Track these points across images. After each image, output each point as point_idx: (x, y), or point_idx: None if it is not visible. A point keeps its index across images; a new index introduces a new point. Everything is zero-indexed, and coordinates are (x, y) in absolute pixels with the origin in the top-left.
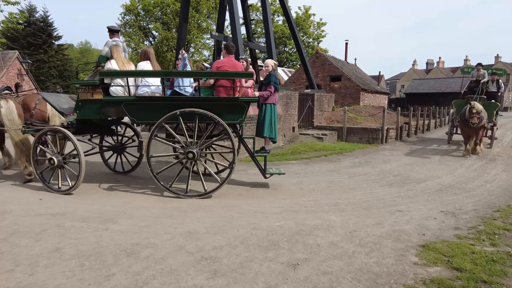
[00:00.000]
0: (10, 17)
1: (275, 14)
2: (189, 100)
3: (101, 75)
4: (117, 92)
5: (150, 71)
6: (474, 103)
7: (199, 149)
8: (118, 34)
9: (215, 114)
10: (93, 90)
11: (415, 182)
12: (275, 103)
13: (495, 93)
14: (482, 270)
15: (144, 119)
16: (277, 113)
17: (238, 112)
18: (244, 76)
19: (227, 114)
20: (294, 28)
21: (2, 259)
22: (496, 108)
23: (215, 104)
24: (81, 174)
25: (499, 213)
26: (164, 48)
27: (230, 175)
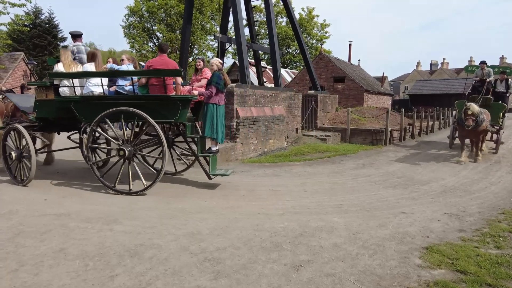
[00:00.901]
0: (16, 19)
1: (278, 15)
2: (125, 99)
3: (50, 76)
4: (65, 93)
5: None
6: (470, 104)
7: (134, 147)
8: (80, 38)
9: (149, 112)
10: (47, 91)
11: (418, 184)
12: (219, 103)
13: (503, 93)
14: (486, 273)
15: (90, 118)
16: (221, 113)
17: (172, 111)
18: (170, 74)
19: (160, 112)
20: (298, 30)
21: (8, 259)
22: (503, 109)
23: (147, 103)
24: (32, 168)
25: (504, 215)
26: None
27: (161, 173)
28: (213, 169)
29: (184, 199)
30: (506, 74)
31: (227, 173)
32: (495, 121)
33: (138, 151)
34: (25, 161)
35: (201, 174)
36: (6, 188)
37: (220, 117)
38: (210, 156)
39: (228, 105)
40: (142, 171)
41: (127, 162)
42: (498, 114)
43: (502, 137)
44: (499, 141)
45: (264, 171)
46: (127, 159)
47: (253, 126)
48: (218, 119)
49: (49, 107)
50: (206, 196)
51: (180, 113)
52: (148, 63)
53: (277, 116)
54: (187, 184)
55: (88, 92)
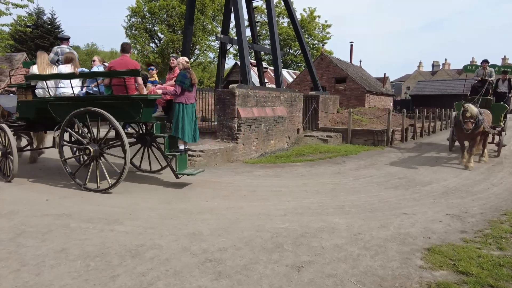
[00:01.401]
0: (19, 19)
1: (280, 16)
2: (92, 99)
3: (26, 79)
4: (40, 94)
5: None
6: (468, 106)
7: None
8: (66, 41)
9: (113, 112)
10: (26, 92)
11: (420, 185)
12: (186, 102)
13: (505, 93)
14: (488, 274)
15: (65, 117)
16: (189, 112)
17: (134, 110)
18: (127, 74)
19: (123, 112)
20: (299, 30)
21: (10, 259)
22: (505, 110)
23: (111, 103)
24: (14, 166)
25: (506, 216)
26: (169, 50)
27: (124, 171)
28: (180, 169)
29: (185, 200)
30: (508, 73)
31: (194, 172)
32: (496, 122)
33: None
34: (10, 158)
35: (203, 175)
36: (8, 188)
37: (187, 116)
38: (177, 155)
39: (229, 105)
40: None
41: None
42: (500, 116)
43: (504, 139)
44: (501, 143)
45: (266, 172)
46: (94, 157)
47: (254, 126)
48: (185, 118)
49: (29, 107)
50: (207, 196)
51: (142, 112)
52: (110, 64)
53: (278, 117)
54: (188, 185)
55: (59, 93)
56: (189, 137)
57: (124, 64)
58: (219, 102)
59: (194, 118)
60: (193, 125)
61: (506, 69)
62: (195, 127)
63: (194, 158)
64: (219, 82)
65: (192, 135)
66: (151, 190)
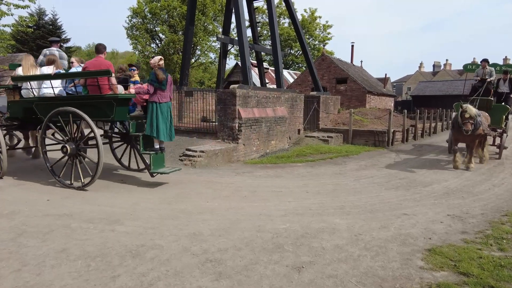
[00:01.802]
0: (20, 20)
1: (281, 16)
2: (70, 99)
3: (12, 80)
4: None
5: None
6: (467, 106)
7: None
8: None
9: (88, 111)
10: (14, 93)
11: (421, 185)
12: (159, 101)
13: (507, 94)
14: (489, 275)
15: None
16: (164, 111)
17: (108, 109)
18: (97, 74)
19: (98, 111)
20: (300, 31)
21: (10, 259)
22: (506, 112)
23: (86, 102)
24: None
25: (508, 217)
26: (170, 50)
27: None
28: (155, 167)
29: (186, 200)
30: (509, 73)
31: (167, 171)
32: (497, 124)
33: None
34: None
35: (204, 175)
36: (9, 188)
37: (162, 115)
38: (152, 154)
39: (230, 106)
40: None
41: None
42: (501, 117)
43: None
44: (502, 145)
45: (266, 172)
46: (71, 155)
47: (255, 127)
48: (159, 117)
49: (18, 107)
50: (208, 197)
51: (116, 111)
52: (84, 65)
53: (279, 117)
54: (189, 185)
55: (42, 93)
56: (164, 136)
57: (98, 65)
58: (220, 103)
59: (169, 117)
60: (168, 124)
61: (507, 69)
62: (171, 126)
63: (195, 159)
64: (220, 83)
65: (167, 134)
66: (152, 191)
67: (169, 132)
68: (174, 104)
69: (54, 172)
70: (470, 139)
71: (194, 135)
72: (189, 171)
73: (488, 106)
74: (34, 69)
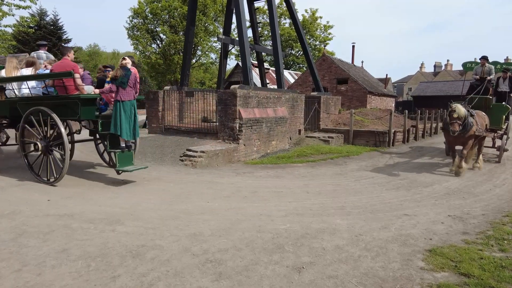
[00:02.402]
0: (21, 20)
1: (281, 17)
2: (42, 99)
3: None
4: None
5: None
6: (456, 106)
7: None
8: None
9: (58, 110)
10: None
11: (422, 186)
12: (122, 100)
13: (507, 93)
14: (490, 276)
15: None
16: (127, 109)
17: (74, 109)
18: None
19: (65, 110)
20: (301, 31)
21: (11, 259)
22: (506, 111)
23: (55, 102)
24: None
25: (509, 218)
26: (171, 51)
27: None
28: (121, 165)
29: (187, 200)
30: (509, 71)
31: (131, 169)
32: (497, 124)
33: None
34: None
35: (204, 176)
36: (10, 188)
37: (125, 114)
38: (117, 152)
39: (231, 106)
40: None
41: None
42: (500, 117)
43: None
44: (502, 148)
45: (267, 173)
46: (44, 152)
47: (255, 127)
48: (122, 115)
49: (5, 107)
50: (208, 197)
51: (81, 111)
52: (52, 67)
53: (279, 118)
54: (189, 185)
55: (21, 94)
56: (127, 134)
57: (63, 67)
58: (221, 103)
59: (133, 116)
60: (132, 122)
61: (508, 67)
62: (134, 124)
63: (196, 159)
64: (220, 83)
65: (131, 132)
66: (153, 191)
67: (133, 130)
68: (175, 104)
69: (33, 170)
70: (462, 141)
71: (194, 135)
72: (189, 171)
73: (487, 106)
74: (16, 71)
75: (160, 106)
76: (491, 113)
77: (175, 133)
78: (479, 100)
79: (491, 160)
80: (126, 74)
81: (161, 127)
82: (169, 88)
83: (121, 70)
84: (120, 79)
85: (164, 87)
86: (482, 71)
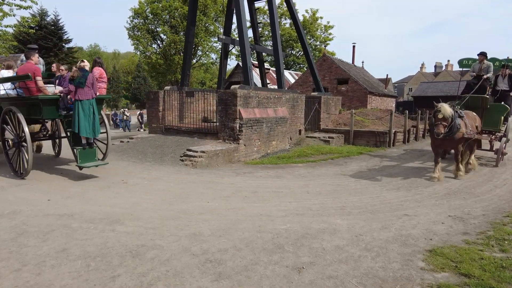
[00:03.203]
0: (22, 21)
1: (282, 17)
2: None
3: None
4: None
5: None
6: (441, 106)
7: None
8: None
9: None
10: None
11: (422, 186)
12: (80, 99)
13: (507, 92)
14: (491, 277)
15: None
16: (86, 108)
17: (37, 109)
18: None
19: (31, 110)
20: (301, 31)
21: (11, 259)
22: (505, 112)
23: (22, 103)
24: None
25: (509, 218)
26: (172, 51)
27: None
28: (82, 161)
29: (187, 200)
30: (509, 68)
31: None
32: (494, 126)
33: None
34: None
35: (204, 176)
36: (10, 188)
37: (83, 112)
38: (78, 149)
39: (231, 106)
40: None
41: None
42: (498, 118)
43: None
44: (500, 151)
45: (267, 173)
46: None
47: (256, 127)
48: (81, 113)
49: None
50: (208, 197)
51: (43, 110)
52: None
53: (280, 118)
54: (190, 185)
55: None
56: (87, 131)
57: (26, 70)
58: (221, 103)
59: (92, 114)
60: (91, 120)
61: (508, 63)
62: (94, 122)
63: (196, 159)
64: (221, 83)
65: (90, 130)
66: (153, 191)
67: (92, 128)
68: (175, 104)
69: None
70: (450, 144)
71: (195, 136)
72: (190, 171)
73: (483, 106)
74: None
75: (161, 106)
76: (488, 114)
77: (176, 133)
78: (475, 99)
79: (489, 164)
80: (84, 75)
81: (162, 127)
82: (169, 88)
83: (78, 71)
84: (77, 79)
85: (165, 87)
86: (480, 68)
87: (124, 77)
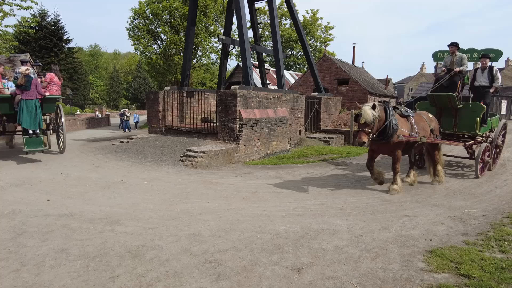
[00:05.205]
0: (23, 21)
1: (282, 17)
2: None
3: None
4: None
5: None
6: (362, 108)
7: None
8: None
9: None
10: None
11: (422, 187)
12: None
13: (486, 88)
14: (491, 278)
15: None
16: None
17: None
18: None
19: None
20: (301, 32)
21: (10, 259)
22: (481, 112)
23: None
24: None
25: (509, 219)
26: (172, 51)
27: None
28: (28, 147)
29: (186, 201)
30: (489, 59)
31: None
32: (470, 129)
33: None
34: None
35: (204, 176)
36: (10, 188)
37: (26, 109)
38: (25, 137)
39: (231, 106)
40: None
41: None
42: (474, 120)
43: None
44: (478, 159)
45: (267, 173)
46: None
47: (256, 128)
48: (24, 110)
49: None
50: (208, 197)
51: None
52: None
53: (280, 118)
54: (189, 186)
55: None
56: (27, 124)
57: None
58: (221, 103)
59: (34, 111)
60: (33, 116)
61: (487, 54)
62: (35, 117)
63: (196, 159)
64: (221, 83)
65: (31, 123)
66: (153, 191)
67: (33, 122)
68: (175, 104)
69: None
70: (387, 149)
71: (195, 136)
72: (189, 171)
73: (452, 105)
74: None
75: (161, 107)
76: (462, 115)
77: (176, 133)
78: (440, 98)
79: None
80: (28, 80)
81: (162, 127)
82: (169, 89)
83: (23, 78)
84: (24, 84)
85: (165, 87)
86: (452, 61)
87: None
